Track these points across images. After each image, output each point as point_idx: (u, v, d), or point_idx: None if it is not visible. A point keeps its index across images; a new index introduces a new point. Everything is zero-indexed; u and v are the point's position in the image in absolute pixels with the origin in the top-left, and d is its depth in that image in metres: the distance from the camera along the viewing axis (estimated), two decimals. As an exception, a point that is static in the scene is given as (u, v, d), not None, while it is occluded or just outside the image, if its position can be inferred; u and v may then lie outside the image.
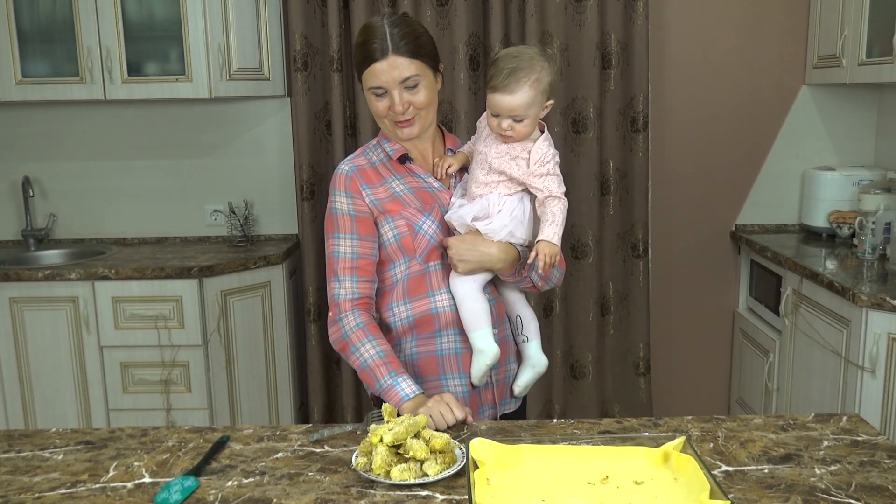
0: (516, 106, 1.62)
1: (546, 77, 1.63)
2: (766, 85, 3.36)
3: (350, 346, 1.66)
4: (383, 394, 1.62)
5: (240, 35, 3.12)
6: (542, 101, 1.64)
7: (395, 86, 1.63)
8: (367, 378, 1.65)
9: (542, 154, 1.65)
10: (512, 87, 1.61)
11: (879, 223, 2.76)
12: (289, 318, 3.27)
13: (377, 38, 1.62)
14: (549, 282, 1.78)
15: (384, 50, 1.62)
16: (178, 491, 1.26)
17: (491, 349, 1.68)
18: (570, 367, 3.41)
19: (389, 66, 1.62)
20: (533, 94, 1.62)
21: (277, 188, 3.49)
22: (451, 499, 1.24)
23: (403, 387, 1.60)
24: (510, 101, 1.62)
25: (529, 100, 1.62)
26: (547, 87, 1.64)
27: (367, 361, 1.64)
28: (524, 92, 1.61)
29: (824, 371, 2.63)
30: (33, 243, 3.43)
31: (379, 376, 1.62)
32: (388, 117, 1.67)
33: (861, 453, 1.37)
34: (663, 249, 3.48)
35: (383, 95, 1.65)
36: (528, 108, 1.62)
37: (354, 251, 1.68)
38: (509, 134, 1.65)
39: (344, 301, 1.68)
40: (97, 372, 3.03)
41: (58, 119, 3.45)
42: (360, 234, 1.69)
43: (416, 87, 1.65)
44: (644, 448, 1.32)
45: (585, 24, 3.15)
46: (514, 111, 1.62)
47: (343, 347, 1.69)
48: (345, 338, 1.67)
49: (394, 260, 1.71)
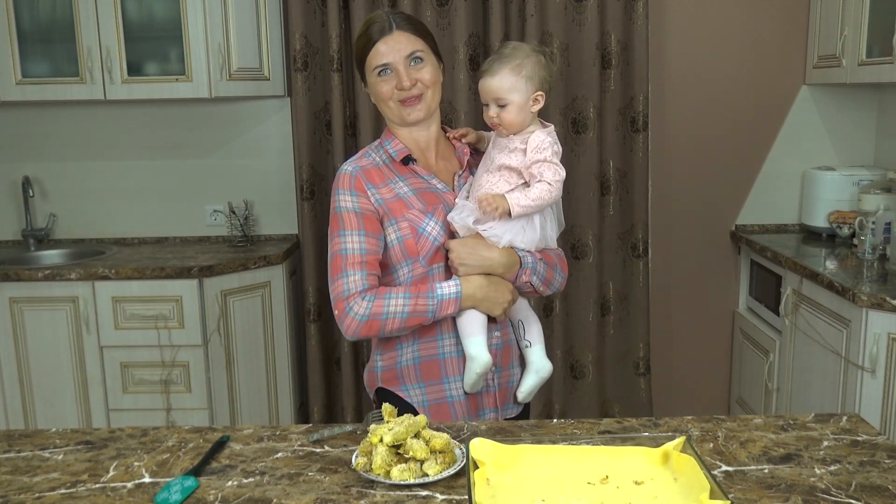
0: (495, 87, 1.64)
1: (531, 65, 1.64)
2: (766, 85, 3.36)
3: (378, 319, 1.61)
4: (441, 314, 1.63)
5: (240, 35, 3.12)
6: (526, 88, 1.64)
7: (400, 61, 1.65)
8: (417, 321, 1.63)
9: (540, 142, 1.65)
10: (494, 69, 1.65)
11: (879, 223, 2.76)
12: (289, 318, 3.27)
13: (380, 21, 1.67)
14: (550, 287, 1.78)
15: (389, 27, 1.66)
16: (178, 491, 1.26)
17: (481, 357, 1.65)
18: (570, 367, 3.41)
19: (395, 40, 1.65)
20: (514, 79, 1.63)
21: (277, 188, 3.49)
22: (451, 499, 1.24)
23: (446, 291, 1.62)
24: (489, 83, 1.65)
25: (510, 84, 1.63)
26: (532, 75, 1.64)
27: (406, 309, 1.62)
28: (503, 75, 1.63)
29: (824, 371, 2.63)
30: (33, 243, 3.43)
31: (425, 308, 1.62)
32: (394, 97, 1.67)
33: (861, 453, 1.37)
34: (663, 249, 3.48)
35: (388, 75, 1.66)
36: (510, 91, 1.63)
37: (362, 247, 1.64)
38: (496, 122, 1.67)
39: (353, 294, 1.62)
40: (97, 372, 3.03)
41: (58, 119, 3.45)
42: (367, 231, 1.65)
43: (422, 62, 1.67)
44: (644, 448, 1.32)
45: (585, 24, 3.15)
46: (495, 93, 1.64)
47: (369, 327, 1.62)
48: (366, 319, 1.61)
49: (397, 263, 1.69)
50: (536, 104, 1.67)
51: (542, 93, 1.67)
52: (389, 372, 1.75)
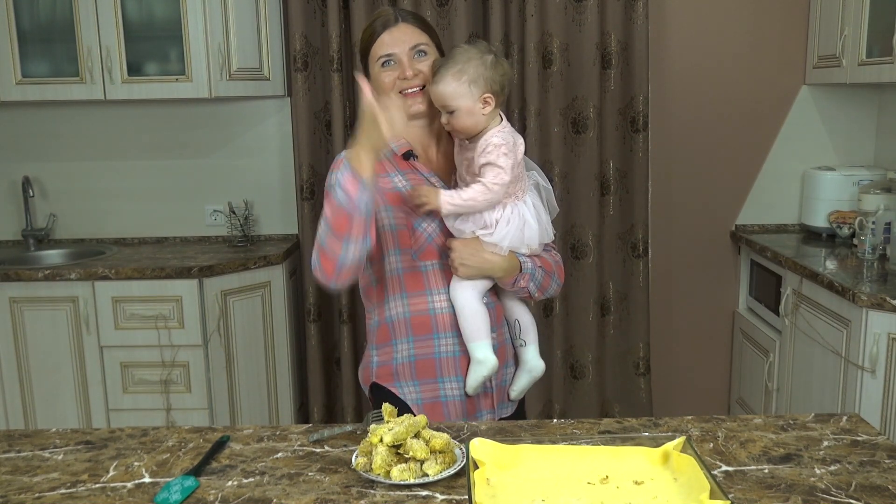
0: (440, 95, 1.63)
1: (472, 69, 1.61)
2: (766, 85, 3.35)
3: (322, 249, 1.55)
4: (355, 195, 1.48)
5: (240, 35, 3.12)
6: (470, 92, 1.61)
7: (404, 52, 1.67)
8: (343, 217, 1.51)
9: (486, 145, 1.63)
10: (438, 76, 1.64)
11: (879, 223, 2.76)
12: (289, 318, 3.27)
13: (385, 14, 1.70)
14: (545, 293, 1.78)
15: (395, 19, 1.69)
16: (178, 491, 1.26)
17: (489, 361, 1.67)
18: (570, 367, 3.41)
19: (400, 32, 1.68)
20: (455, 85, 1.61)
21: (277, 188, 3.49)
22: (451, 499, 1.24)
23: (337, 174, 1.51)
24: (434, 91, 1.64)
25: (452, 90, 1.61)
26: (476, 78, 1.61)
27: (328, 221, 1.53)
28: (446, 81, 1.62)
29: (824, 371, 2.63)
30: (33, 243, 3.43)
31: (335, 206, 1.52)
32: (396, 88, 1.67)
33: (861, 453, 1.37)
34: (663, 249, 3.48)
35: (391, 66, 1.67)
36: (454, 98, 1.62)
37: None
38: (448, 129, 1.68)
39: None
40: (97, 372, 3.03)
41: (58, 119, 3.45)
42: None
43: (425, 55, 1.68)
44: (644, 448, 1.32)
45: (585, 24, 3.15)
46: (441, 101, 1.64)
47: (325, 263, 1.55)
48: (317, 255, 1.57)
49: (385, 250, 1.68)
50: (487, 106, 1.64)
51: (491, 94, 1.64)
52: (385, 368, 1.75)
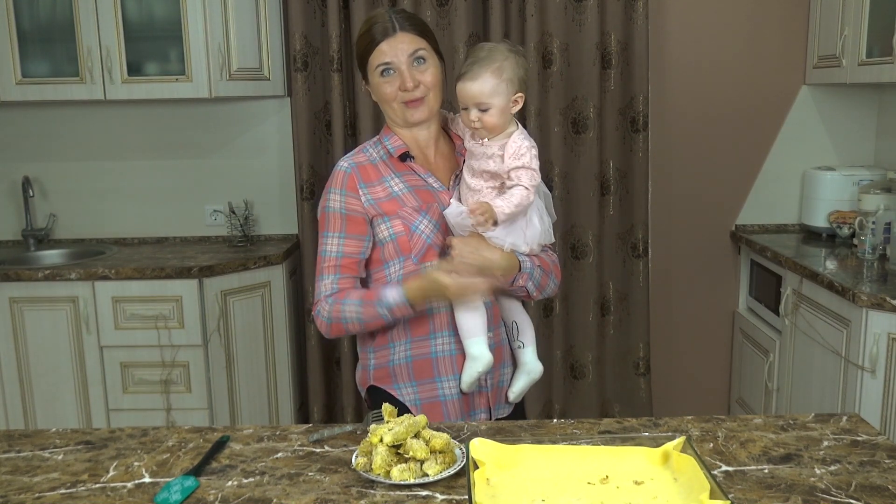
0: (477, 92, 1.62)
1: (510, 67, 1.63)
2: (766, 85, 3.36)
3: (339, 322, 1.68)
4: (400, 315, 1.65)
5: (240, 35, 3.12)
6: (507, 90, 1.63)
7: (404, 60, 1.65)
8: (378, 324, 1.67)
9: (517, 147, 1.65)
10: (474, 73, 1.63)
11: (879, 223, 2.76)
12: (289, 318, 3.27)
13: (382, 21, 1.67)
14: (543, 292, 1.79)
15: (392, 28, 1.66)
16: (178, 491, 1.26)
17: (484, 357, 1.67)
18: (570, 367, 3.41)
19: (398, 41, 1.65)
20: (495, 82, 1.62)
21: (277, 188, 3.49)
22: (451, 499, 1.24)
23: (391, 297, 1.63)
24: (470, 87, 1.63)
25: (492, 87, 1.62)
26: (513, 77, 1.63)
27: (360, 316, 1.66)
28: (486, 78, 1.62)
29: (824, 371, 2.63)
30: (33, 243, 3.43)
31: (376, 314, 1.64)
32: (398, 99, 1.68)
33: (861, 453, 1.37)
34: (663, 249, 3.48)
35: (391, 76, 1.66)
36: (492, 95, 1.63)
37: (340, 250, 1.69)
38: (477, 126, 1.66)
39: (322, 298, 1.70)
40: (97, 372, 3.03)
41: (58, 119, 3.45)
42: (347, 233, 1.68)
43: (425, 62, 1.67)
44: (644, 448, 1.32)
45: (585, 24, 3.15)
46: (477, 98, 1.63)
47: (337, 329, 1.70)
48: (330, 321, 1.69)
49: (388, 259, 1.70)
50: (516, 105, 1.66)
51: (521, 94, 1.66)
52: (381, 370, 1.76)
